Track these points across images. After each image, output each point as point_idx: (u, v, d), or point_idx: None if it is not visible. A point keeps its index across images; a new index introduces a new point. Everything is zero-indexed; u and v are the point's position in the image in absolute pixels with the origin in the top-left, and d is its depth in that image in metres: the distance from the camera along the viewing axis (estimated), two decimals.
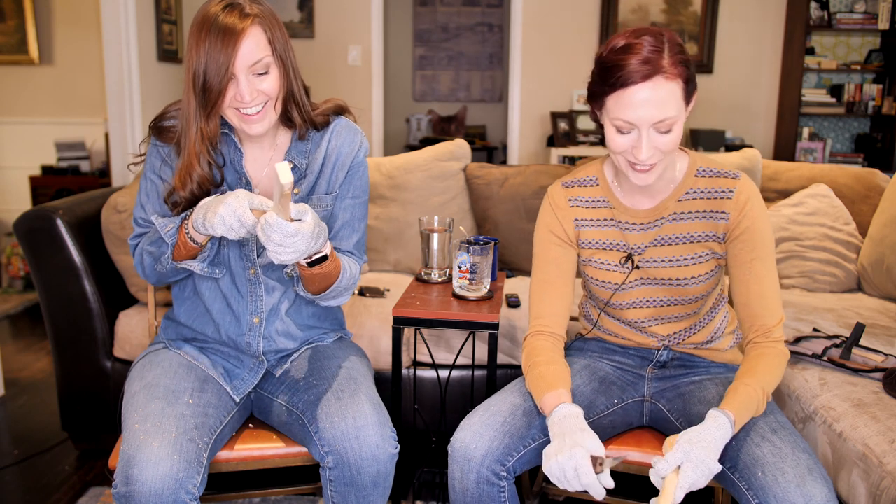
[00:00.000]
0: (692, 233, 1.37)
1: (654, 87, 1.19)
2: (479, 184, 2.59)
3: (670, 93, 1.20)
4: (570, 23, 4.61)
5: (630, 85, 1.19)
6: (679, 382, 1.46)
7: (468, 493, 1.27)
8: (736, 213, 1.34)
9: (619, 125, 1.24)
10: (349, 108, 1.51)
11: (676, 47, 1.22)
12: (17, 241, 2.11)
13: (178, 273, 1.41)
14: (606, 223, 1.43)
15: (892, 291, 2.32)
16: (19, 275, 4.27)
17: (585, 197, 1.45)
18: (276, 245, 1.16)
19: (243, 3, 1.27)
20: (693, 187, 1.37)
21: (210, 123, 1.31)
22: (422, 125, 6.30)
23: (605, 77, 1.23)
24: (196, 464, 1.22)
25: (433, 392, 2.14)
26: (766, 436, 1.23)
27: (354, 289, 1.49)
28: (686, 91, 1.23)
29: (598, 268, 1.44)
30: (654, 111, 1.20)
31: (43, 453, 2.29)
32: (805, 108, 4.48)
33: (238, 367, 1.46)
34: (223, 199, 1.21)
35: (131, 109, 3.72)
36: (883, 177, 2.62)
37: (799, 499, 1.11)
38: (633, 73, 1.19)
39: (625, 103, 1.21)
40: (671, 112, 1.20)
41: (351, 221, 1.50)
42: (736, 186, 1.34)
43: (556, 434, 1.21)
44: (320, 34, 4.72)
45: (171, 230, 1.33)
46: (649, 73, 1.18)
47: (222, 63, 1.24)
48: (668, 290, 1.41)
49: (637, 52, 1.19)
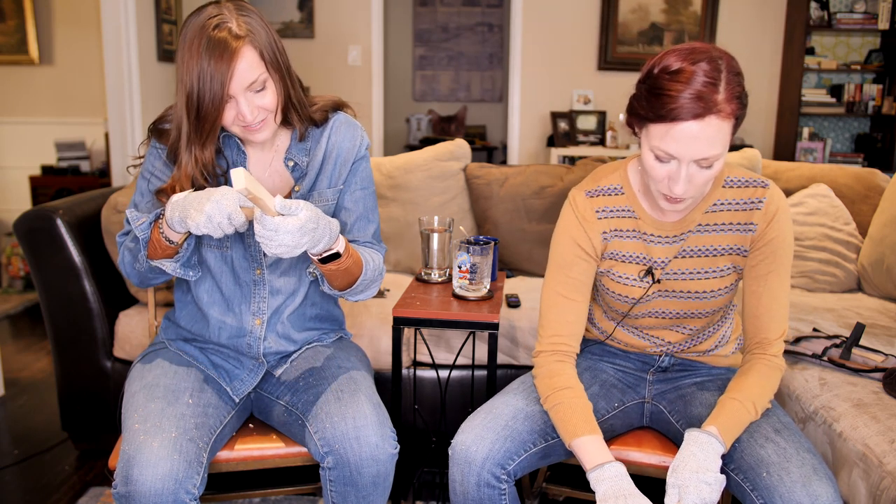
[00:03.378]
0: (717, 245, 1.32)
1: (704, 126, 1.11)
2: (479, 184, 2.59)
3: (719, 131, 1.12)
4: (570, 23, 4.61)
5: (679, 121, 1.12)
6: (680, 384, 1.46)
7: (468, 495, 1.27)
8: (763, 225, 1.29)
9: (659, 154, 1.17)
10: (348, 103, 1.51)
11: (734, 79, 1.13)
12: (17, 241, 2.11)
13: (157, 273, 1.37)
14: (629, 234, 1.36)
15: (892, 291, 2.32)
16: (19, 275, 4.27)
17: (611, 207, 1.36)
18: (259, 237, 1.16)
19: (230, 21, 1.23)
20: (721, 198, 1.31)
21: (205, 152, 1.29)
22: (422, 125, 6.29)
23: (653, 103, 1.14)
24: (196, 464, 1.22)
25: (433, 392, 2.14)
26: (769, 436, 1.23)
27: (382, 280, 1.48)
28: (735, 127, 1.16)
29: (617, 281, 1.38)
30: (699, 149, 1.13)
31: (43, 453, 2.29)
32: (805, 108, 4.48)
33: (238, 368, 1.46)
34: (209, 197, 1.17)
35: (131, 109, 3.71)
36: (883, 177, 2.62)
37: (805, 498, 1.11)
38: (684, 110, 1.10)
39: (670, 136, 1.13)
40: (717, 150, 1.13)
41: (365, 213, 1.50)
42: (766, 196, 1.29)
43: (609, 495, 1.15)
44: (320, 34, 4.72)
45: (143, 224, 1.29)
46: (701, 112, 1.10)
47: (217, 90, 1.21)
48: (685, 303, 1.37)
49: (691, 82, 1.11)
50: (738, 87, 1.13)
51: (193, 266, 1.37)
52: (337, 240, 1.28)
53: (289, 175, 1.44)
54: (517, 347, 2.12)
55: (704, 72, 1.11)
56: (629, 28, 4.57)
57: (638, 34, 4.58)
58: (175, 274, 1.33)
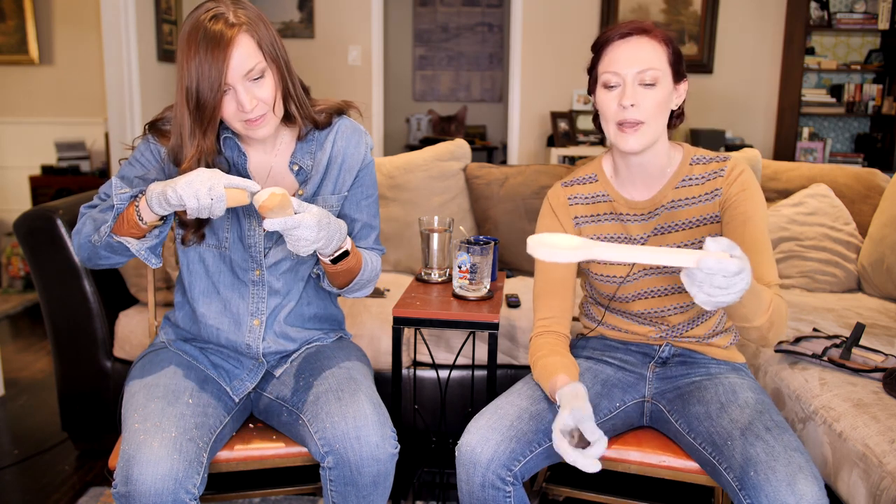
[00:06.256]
0: (691, 218, 1.41)
1: (637, 41, 1.30)
2: (479, 184, 2.59)
3: (653, 50, 1.30)
4: (570, 23, 4.61)
5: (615, 40, 1.32)
6: (680, 383, 1.46)
7: (474, 495, 1.27)
8: (727, 187, 1.38)
9: (605, 79, 1.32)
10: (354, 104, 1.51)
11: (665, 30, 1.33)
12: (17, 241, 2.11)
13: (112, 252, 1.32)
14: (606, 217, 1.46)
15: (892, 291, 2.32)
16: (19, 275, 4.27)
17: (585, 194, 1.48)
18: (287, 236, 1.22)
19: (226, 12, 1.24)
20: (689, 175, 1.41)
21: (206, 140, 1.29)
22: (422, 125, 6.29)
23: (594, 49, 1.35)
24: (196, 463, 1.22)
25: (433, 392, 2.14)
26: (760, 434, 1.23)
27: (377, 279, 1.52)
28: (672, 61, 1.32)
29: (601, 262, 1.45)
30: (636, 59, 1.29)
31: (43, 453, 2.29)
32: (805, 108, 4.48)
33: (237, 368, 1.46)
34: (196, 169, 1.20)
35: (131, 109, 3.72)
36: (883, 177, 2.62)
37: (790, 498, 1.12)
38: (617, 31, 1.32)
39: (609, 58, 1.32)
40: (655, 63, 1.29)
41: (368, 220, 1.52)
42: (727, 166, 1.39)
43: (567, 396, 1.23)
44: (320, 34, 4.72)
45: (125, 194, 1.27)
46: (633, 30, 1.31)
47: (214, 77, 1.22)
48: (670, 278, 1.43)
49: (623, 24, 1.34)
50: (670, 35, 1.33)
51: (158, 255, 1.34)
52: (345, 239, 1.33)
53: (292, 178, 1.44)
54: (517, 347, 2.12)
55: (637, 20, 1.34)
56: None
57: None
58: (138, 255, 1.30)
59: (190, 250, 1.43)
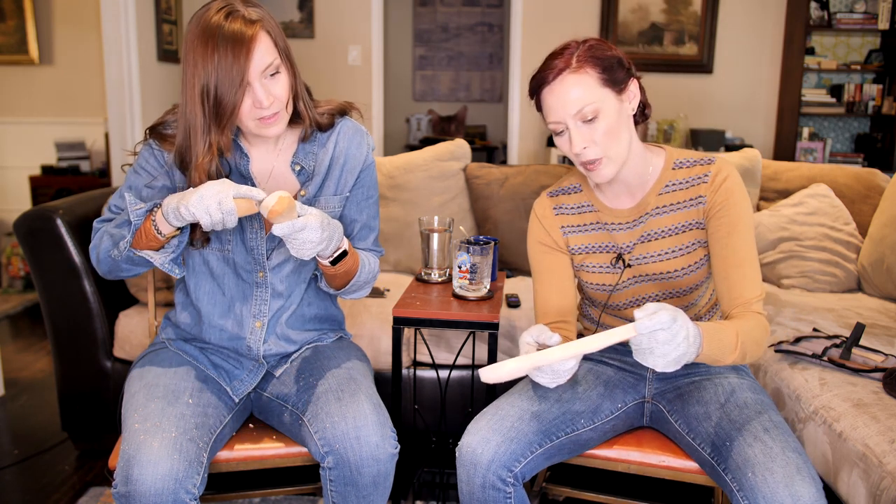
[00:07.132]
0: (676, 224, 1.40)
1: (562, 82, 1.27)
2: (479, 184, 2.59)
3: (580, 83, 1.26)
4: (570, 23, 4.61)
5: (544, 88, 1.30)
6: (679, 383, 1.46)
7: (474, 496, 1.27)
8: (711, 194, 1.36)
9: (552, 128, 1.32)
10: (355, 105, 1.51)
11: (587, 50, 1.29)
12: (17, 241, 2.11)
13: (132, 264, 1.34)
14: (593, 227, 1.46)
15: (892, 291, 2.32)
16: (19, 275, 4.27)
17: (570, 204, 1.49)
18: (289, 240, 1.22)
19: (241, 10, 1.24)
20: (672, 180, 1.40)
21: (224, 136, 1.28)
22: (422, 125, 6.29)
23: (531, 97, 1.35)
24: (196, 463, 1.22)
25: (433, 392, 2.14)
26: (758, 435, 1.23)
27: (374, 281, 1.53)
28: (605, 80, 1.27)
29: (591, 271, 1.47)
30: (568, 102, 1.27)
31: (43, 453, 2.29)
32: (805, 108, 4.48)
33: (238, 368, 1.46)
34: (205, 183, 1.21)
35: (131, 109, 3.72)
36: (883, 177, 2.62)
37: (787, 499, 1.12)
38: (542, 77, 1.30)
39: (546, 107, 1.31)
40: (587, 98, 1.26)
41: (368, 222, 1.52)
42: (711, 170, 1.37)
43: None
44: (320, 34, 4.72)
45: (140, 209, 1.28)
46: (555, 74, 1.28)
47: (236, 74, 1.21)
48: (660, 284, 1.43)
49: (547, 61, 1.31)
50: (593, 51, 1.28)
51: (179, 264, 1.36)
52: (342, 239, 1.33)
53: (294, 179, 1.44)
54: (517, 347, 2.12)
55: (557, 52, 1.31)
56: (629, 28, 4.57)
57: (638, 34, 4.58)
58: (162, 268, 1.32)
59: (195, 253, 1.44)
